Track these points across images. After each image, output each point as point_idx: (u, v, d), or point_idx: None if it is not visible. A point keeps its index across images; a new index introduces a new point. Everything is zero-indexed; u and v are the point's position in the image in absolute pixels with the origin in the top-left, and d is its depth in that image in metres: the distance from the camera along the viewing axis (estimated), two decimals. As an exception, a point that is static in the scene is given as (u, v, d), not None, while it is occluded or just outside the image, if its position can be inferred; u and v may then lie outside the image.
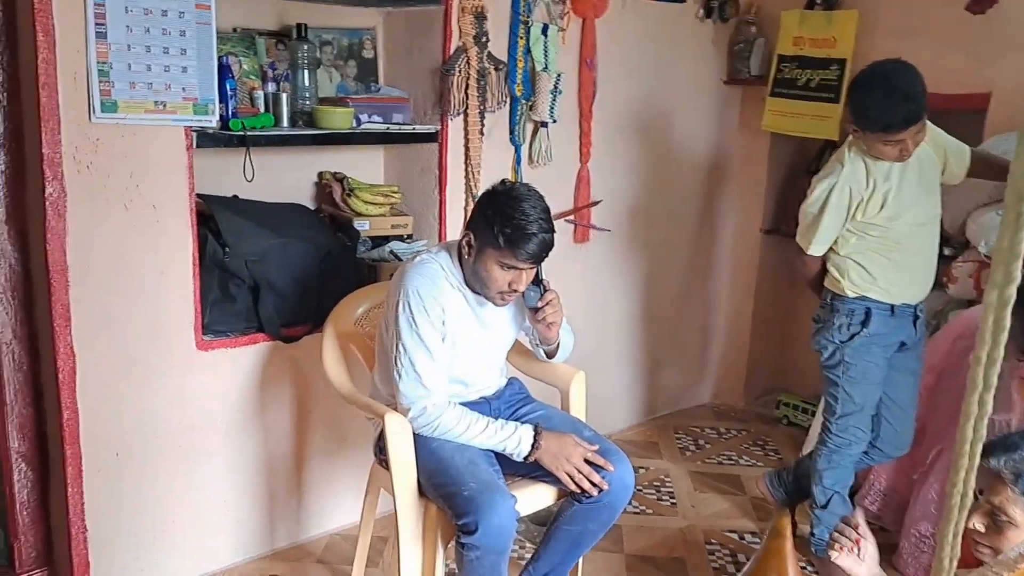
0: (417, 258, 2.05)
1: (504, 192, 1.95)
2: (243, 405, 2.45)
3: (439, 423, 1.95)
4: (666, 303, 3.70)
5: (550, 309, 2.06)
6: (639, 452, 3.45)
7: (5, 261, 2.14)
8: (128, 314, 2.18)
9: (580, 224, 3.25)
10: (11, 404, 2.21)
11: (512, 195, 1.93)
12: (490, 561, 1.88)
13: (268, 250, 2.37)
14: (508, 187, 1.97)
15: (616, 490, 2.01)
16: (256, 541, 2.57)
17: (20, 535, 2.29)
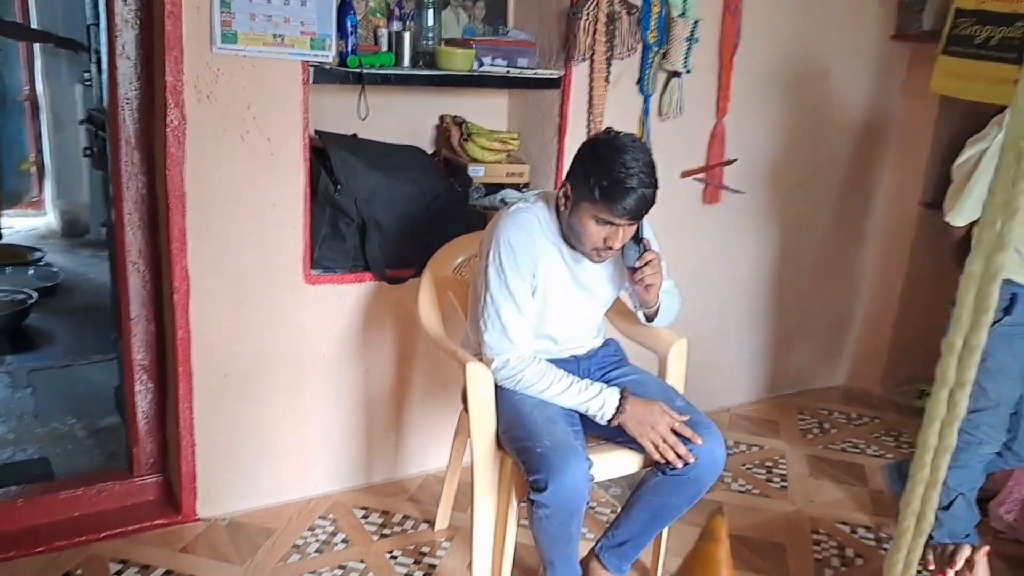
0: (513, 207, 1.98)
1: (605, 142, 1.84)
2: (347, 341, 2.50)
3: (521, 377, 1.91)
4: (801, 275, 3.46)
5: (648, 270, 1.95)
6: (754, 430, 3.27)
7: (133, 184, 2.26)
8: (241, 243, 2.26)
9: (711, 184, 3.07)
10: (135, 319, 2.36)
11: (614, 145, 1.82)
12: (559, 521, 1.82)
13: (377, 190, 2.38)
14: (611, 137, 1.86)
15: (704, 465, 1.89)
16: (353, 473, 2.64)
17: (139, 442, 2.46)
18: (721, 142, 3.04)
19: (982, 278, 0.37)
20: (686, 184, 3.03)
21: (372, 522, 2.49)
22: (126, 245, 2.27)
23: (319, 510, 2.52)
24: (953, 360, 0.38)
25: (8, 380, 3.26)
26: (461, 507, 2.49)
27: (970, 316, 0.38)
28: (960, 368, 0.38)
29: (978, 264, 0.37)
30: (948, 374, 0.39)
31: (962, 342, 0.38)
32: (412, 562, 2.32)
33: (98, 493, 2.41)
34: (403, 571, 2.28)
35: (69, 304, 4.19)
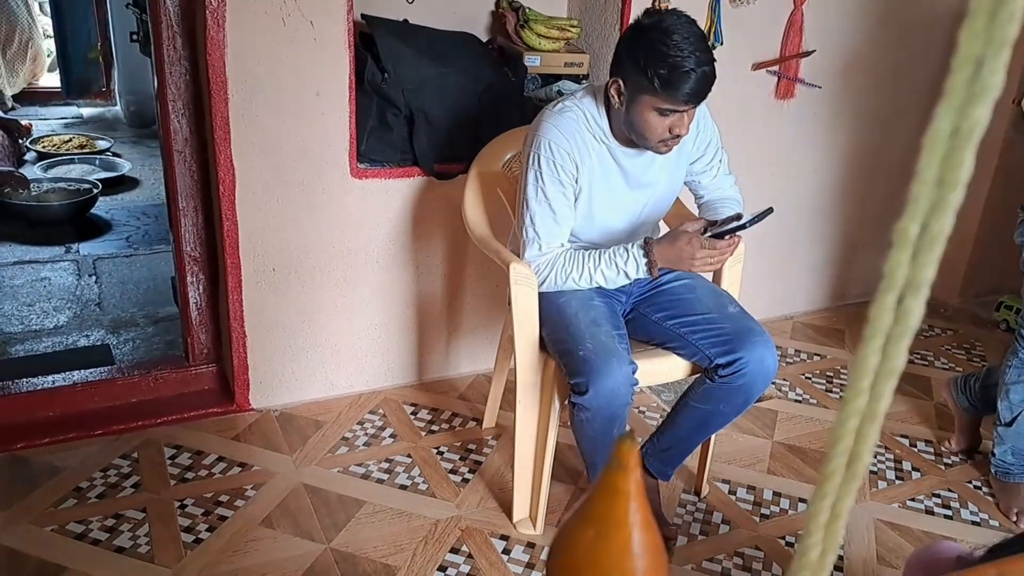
0: (559, 105, 1.86)
1: (652, 26, 1.69)
2: (396, 237, 2.45)
3: (552, 271, 1.86)
4: (878, 177, 3.25)
5: (718, 252, 1.81)
6: (818, 338, 3.16)
7: (176, 71, 2.21)
8: (285, 133, 2.20)
9: (785, 77, 2.87)
10: (184, 210, 2.35)
11: (662, 28, 1.67)
12: (600, 424, 1.78)
13: (426, 79, 2.28)
14: (655, 19, 1.70)
15: (753, 373, 1.81)
16: (404, 370, 2.64)
17: (193, 332, 2.49)
18: (798, 31, 2.81)
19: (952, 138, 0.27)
20: (758, 77, 2.84)
21: (421, 418, 2.50)
22: (171, 134, 2.24)
23: (369, 405, 2.54)
24: (906, 253, 0.29)
25: (73, 268, 3.35)
26: (509, 407, 2.48)
27: (931, 193, 0.28)
28: (915, 264, 0.29)
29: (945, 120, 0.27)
30: (898, 272, 0.30)
31: (919, 228, 0.29)
32: (458, 458, 2.33)
33: (156, 380, 2.47)
34: (448, 466, 2.29)
35: (133, 194, 4.25)
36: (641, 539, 0.37)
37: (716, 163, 2.03)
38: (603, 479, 0.38)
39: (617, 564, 0.37)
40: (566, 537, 0.39)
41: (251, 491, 2.13)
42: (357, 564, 1.92)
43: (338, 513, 2.08)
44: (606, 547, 0.37)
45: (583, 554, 0.37)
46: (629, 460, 0.37)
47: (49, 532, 1.95)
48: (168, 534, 1.97)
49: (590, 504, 0.38)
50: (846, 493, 0.33)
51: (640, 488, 0.37)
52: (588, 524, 0.37)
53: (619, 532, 0.37)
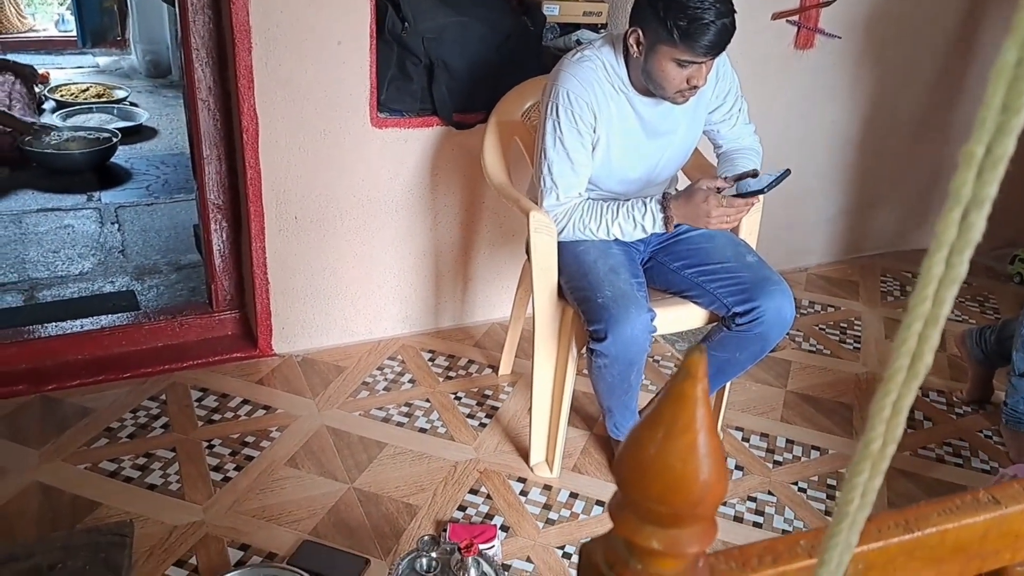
0: (577, 55, 1.86)
1: None
2: (414, 186, 2.48)
3: (570, 220, 1.88)
4: (897, 130, 3.24)
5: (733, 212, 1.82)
6: (831, 290, 3.18)
7: (200, 19, 2.22)
8: (307, 82, 2.22)
9: (805, 27, 2.84)
10: (208, 158, 2.38)
11: None
12: (618, 371, 1.82)
13: (445, 28, 2.28)
14: None
15: (771, 322, 1.84)
16: (422, 317, 2.69)
17: (216, 279, 2.54)
18: (820, -20, 2.78)
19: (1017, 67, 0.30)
20: (777, 27, 2.81)
21: (438, 364, 2.55)
22: (195, 82, 2.26)
23: (388, 351, 2.59)
24: (971, 173, 0.32)
25: (96, 216, 3.40)
26: (524, 354, 2.52)
27: (996, 118, 0.31)
28: (979, 183, 0.32)
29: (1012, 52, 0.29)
30: (963, 190, 0.33)
31: (984, 150, 0.32)
32: (475, 403, 2.38)
33: (180, 326, 2.52)
34: (466, 411, 2.35)
35: (152, 143, 4.28)
36: (706, 443, 0.41)
37: (735, 112, 2.04)
38: (672, 387, 0.41)
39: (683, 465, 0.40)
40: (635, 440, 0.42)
41: (275, 433, 2.20)
42: (380, 503, 1.98)
43: (360, 454, 2.14)
44: (673, 448, 0.40)
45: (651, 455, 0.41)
46: (697, 369, 0.40)
47: (83, 470, 2.02)
48: (197, 473, 2.04)
49: (659, 410, 0.41)
50: (907, 391, 0.36)
51: (706, 396, 0.41)
52: (657, 427, 0.41)
53: (686, 435, 0.40)
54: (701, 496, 0.41)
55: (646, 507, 0.42)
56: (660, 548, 0.44)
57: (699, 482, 0.40)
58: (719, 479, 0.42)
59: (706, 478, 0.41)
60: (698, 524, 0.44)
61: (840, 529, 0.39)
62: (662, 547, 0.43)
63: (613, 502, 0.46)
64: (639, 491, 0.42)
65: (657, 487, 0.41)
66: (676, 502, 0.41)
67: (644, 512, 0.43)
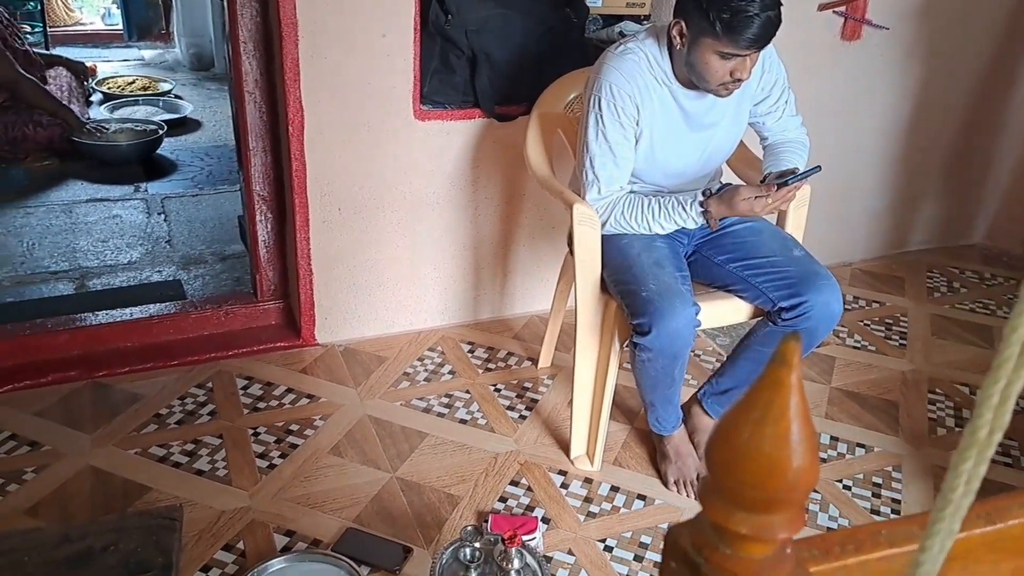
0: (620, 47, 1.85)
1: None
2: (455, 179, 2.49)
3: (611, 214, 1.88)
4: (946, 123, 3.17)
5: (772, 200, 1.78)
6: (877, 285, 3.13)
7: (248, 12, 2.24)
8: (352, 75, 2.23)
9: (852, 17, 2.80)
10: (254, 150, 2.41)
11: None
12: (662, 365, 1.82)
13: (488, 20, 2.29)
14: None
15: (818, 317, 1.82)
16: (461, 309, 2.70)
17: (261, 269, 2.57)
18: (868, -30, 2.74)
19: None
20: (824, 18, 2.77)
21: (478, 356, 2.56)
22: (242, 75, 2.29)
23: (428, 342, 2.61)
24: None
25: (143, 206, 3.46)
26: (563, 348, 2.53)
27: None
28: None
29: None
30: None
31: None
32: (515, 395, 2.39)
33: (226, 315, 2.56)
34: (506, 403, 2.35)
35: (196, 135, 4.34)
36: (799, 431, 0.41)
37: (782, 104, 2.01)
38: (767, 374, 0.42)
39: (776, 451, 0.41)
40: (729, 425, 0.43)
41: (319, 421, 2.23)
42: (422, 492, 2.00)
43: (402, 444, 2.16)
44: (767, 434, 0.41)
45: (744, 441, 0.41)
46: (793, 357, 0.41)
47: (133, 455, 2.07)
48: (244, 459, 2.07)
49: (753, 396, 0.42)
50: (1016, 379, 0.36)
51: (800, 383, 0.41)
52: (751, 413, 0.41)
53: (780, 423, 0.40)
54: (794, 483, 0.41)
55: (738, 492, 0.42)
56: (750, 533, 0.44)
57: (792, 469, 0.40)
58: (811, 466, 0.42)
59: (799, 465, 0.41)
60: (789, 510, 0.44)
61: (943, 516, 0.38)
62: (752, 532, 0.44)
63: (702, 486, 0.46)
64: (732, 476, 0.42)
65: (750, 472, 0.41)
66: (769, 488, 0.41)
67: (736, 497, 0.43)
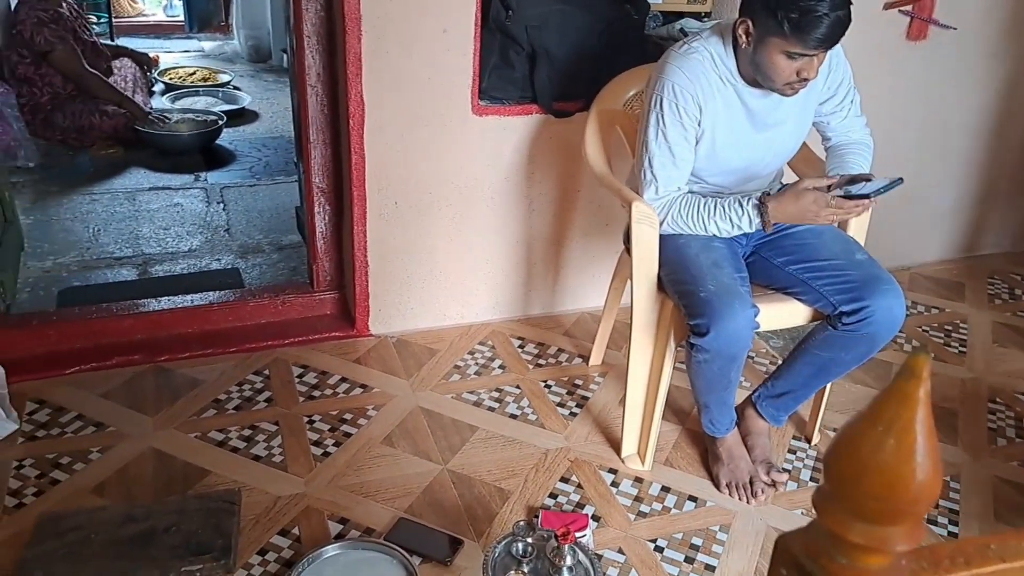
0: (684, 46, 1.84)
1: None
2: (511, 174, 2.50)
3: (668, 213, 1.87)
4: (1014, 127, 3.09)
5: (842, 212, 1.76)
6: (937, 291, 3.07)
7: (312, 6, 2.27)
8: (413, 70, 2.25)
9: (918, 17, 2.74)
10: (314, 143, 2.45)
11: None
12: (719, 366, 1.80)
13: (549, 15, 2.28)
14: None
15: (880, 322, 1.79)
16: (512, 304, 2.71)
17: (318, 260, 2.61)
18: (937, -32, 2.68)
19: None
20: (889, 17, 2.72)
21: (528, 352, 2.57)
22: (305, 68, 2.32)
23: (479, 336, 2.62)
24: None
25: (203, 195, 3.53)
26: (615, 346, 2.52)
27: None
28: None
29: None
30: None
31: None
32: (565, 392, 2.39)
33: (283, 304, 2.61)
34: (556, 399, 2.36)
35: (254, 126, 4.42)
36: (924, 445, 0.41)
37: (847, 104, 1.98)
38: (895, 386, 0.41)
39: (900, 465, 0.40)
40: (852, 435, 0.43)
41: (372, 411, 2.26)
42: (472, 486, 2.02)
43: (453, 436, 2.18)
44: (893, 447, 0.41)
45: (868, 452, 0.41)
46: (922, 370, 0.40)
47: (193, 438, 2.12)
48: (299, 446, 2.11)
49: (879, 408, 0.42)
50: None
51: (928, 398, 0.41)
52: (876, 425, 0.41)
53: (906, 436, 0.40)
54: (917, 496, 0.41)
55: (860, 504, 0.42)
56: (869, 544, 0.44)
57: (916, 482, 0.40)
58: (935, 480, 0.42)
59: (923, 479, 0.41)
60: (909, 523, 0.44)
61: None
62: (871, 543, 0.44)
63: (819, 495, 0.46)
64: (853, 486, 0.42)
65: (875, 484, 0.41)
66: (892, 501, 0.41)
67: (856, 508, 0.43)
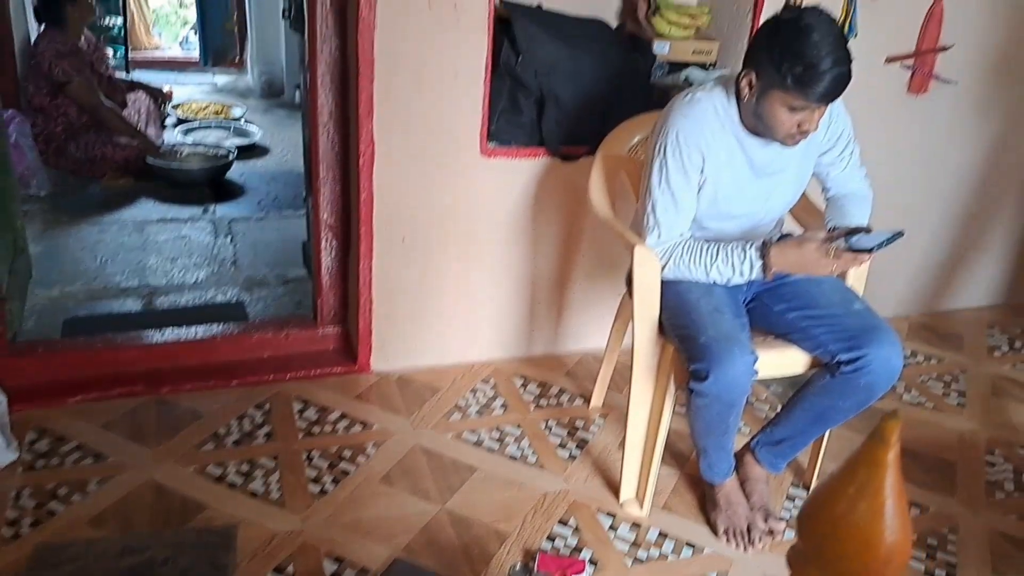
0: (688, 96, 1.88)
1: (790, 22, 1.69)
2: (518, 215, 2.53)
3: (671, 257, 1.89)
4: (1013, 180, 3.13)
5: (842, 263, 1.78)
6: (936, 341, 3.08)
7: (327, 48, 2.33)
8: (423, 111, 2.30)
9: (920, 71, 2.79)
10: (324, 179, 2.49)
11: (799, 26, 1.66)
12: (718, 411, 1.82)
13: (558, 62, 2.33)
14: (794, 15, 1.69)
15: (878, 371, 1.80)
16: (515, 343, 2.73)
17: (323, 294, 2.64)
18: (938, 24, 2.73)
19: None
20: (890, 70, 2.77)
21: (530, 391, 2.58)
22: (318, 107, 2.37)
23: (481, 375, 2.63)
24: None
25: (211, 228, 3.57)
26: (616, 388, 2.53)
27: None
28: None
29: None
30: None
31: None
32: (566, 433, 2.40)
33: (286, 338, 2.63)
34: (556, 440, 2.36)
35: (264, 161, 4.47)
36: (894, 506, 0.43)
37: (847, 155, 2.02)
38: (865, 450, 0.43)
39: (870, 526, 0.42)
40: (825, 496, 0.44)
41: (371, 449, 2.26)
42: (470, 527, 2.01)
43: (452, 476, 2.18)
44: (862, 510, 0.42)
45: (840, 514, 0.43)
46: (891, 436, 0.42)
47: (192, 472, 2.12)
48: (297, 483, 2.11)
49: (851, 470, 0.43)
50: None
51: (897, 462, 0.43)
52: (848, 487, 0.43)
53: (876, 499, 0.42)
54: (887, 557, 0.42)
55: (832, 563, 0.44)
56: None
57: (886, 544, 0.42)
58: (905, 542, 0.43)
59: (892, 540, 0.42)
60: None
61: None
62: None
63: (793, 553, 0.47)
64: (826, 547, 0.43)
65: (847, 544, 0.42)
66: (863, 561, 0.43)
67: (829, 567, 0.44)
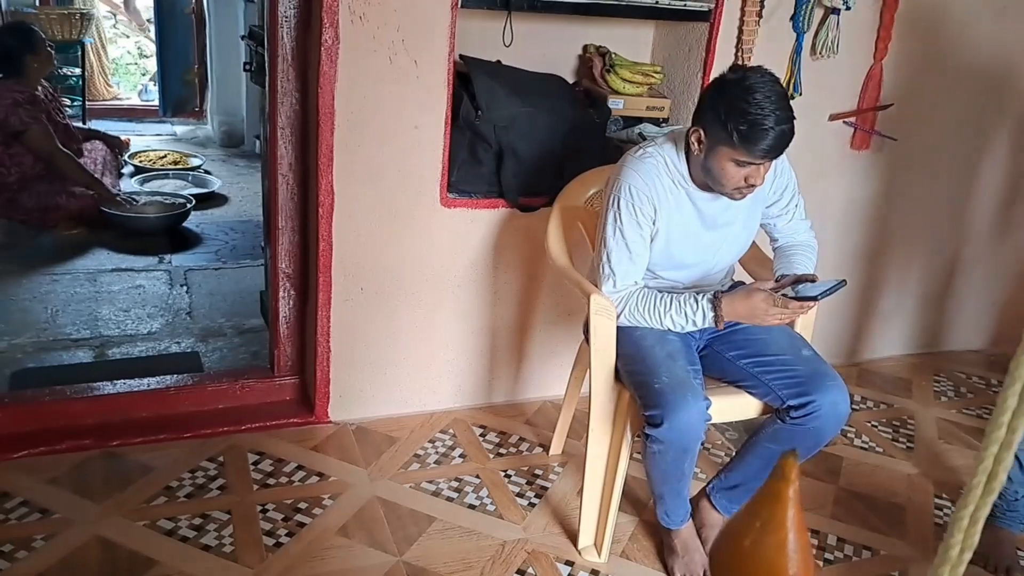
0: (640, 151, 1.95)
1: (734, 82, 1.77)
2: (477, 265, 2.56)
3: (626, 307, 1.94)
4: (954, 231, 3.26)
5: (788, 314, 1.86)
6: (884, 387, 3.16)
7: (288, 100, 2.36)
8: (383, 162, 2.33)
9: (861, 129, 2.91)
10: (282, 229, 2.50)
11: (744, 85, 1.75)
12: (672, 457, 1.84)
13: (516, 117, 2.40)
14: (739, 75, 1.78)
15: (826, 417, 1.86)
16: (475, 392, 2.74)
17: (280, 344, 2.63)
18: (877, 85, 2.86)
19: None
20: (834, 128, 2.89)
21: (489, 440, 2.58)
22: (278, 158, 2.39)
23: (440, 424, 2.63)
24: None
25: (167, 278, 3.54)
26: (575, 435, 2.55)
27: None
28: None
29: None
30: None
31: None
32: (525, 482, 2.40)
33: (241, 388, 2.60)
34: (516, 489, 2.36)
35: (222, 210, 4.46)
36: (796, 540, 0.45)
37: (792, 208, 2.10)
38: (768, 487, 0.46)
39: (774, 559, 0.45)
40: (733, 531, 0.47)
41: (328, 501, 2.24)
42: (428, 577, 2.00)
43: (410, 527, 2.17)
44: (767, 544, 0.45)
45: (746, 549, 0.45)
46: (791, 472, 0.45)
47: (141, 527, 2.08)
48: (251, 536, 2.08)
49: (755, 506, 0.46)
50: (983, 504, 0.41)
51: (798, 496, 0.46)
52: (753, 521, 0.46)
53: (778, 533, 0.45)
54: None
55: None
56: None
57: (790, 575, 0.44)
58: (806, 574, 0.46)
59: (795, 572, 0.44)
60: None
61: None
62: None
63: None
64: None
65: None
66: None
67: None
